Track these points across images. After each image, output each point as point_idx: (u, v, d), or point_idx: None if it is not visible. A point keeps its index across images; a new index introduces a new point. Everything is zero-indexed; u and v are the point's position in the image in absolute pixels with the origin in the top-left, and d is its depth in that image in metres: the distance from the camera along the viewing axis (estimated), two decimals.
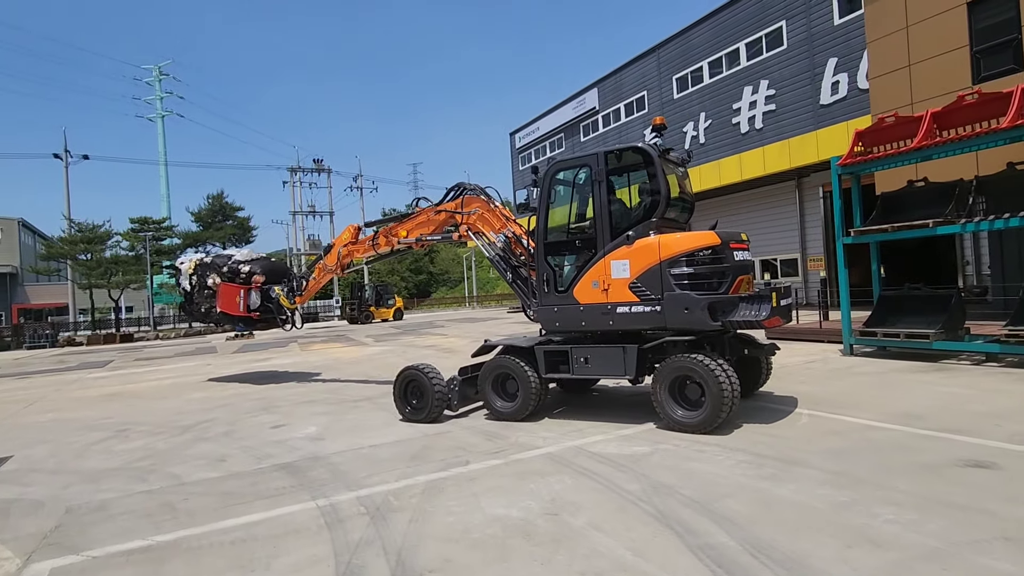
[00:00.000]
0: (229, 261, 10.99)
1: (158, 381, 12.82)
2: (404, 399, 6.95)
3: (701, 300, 5.63)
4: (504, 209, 7.61)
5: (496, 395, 6.68)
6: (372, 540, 3.67)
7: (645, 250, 5.86)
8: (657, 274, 5.78)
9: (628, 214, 6.32)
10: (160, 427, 7.63)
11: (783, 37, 23.56)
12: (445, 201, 8.14)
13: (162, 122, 73.93)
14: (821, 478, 4.19)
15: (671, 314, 5.74)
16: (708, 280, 5.73)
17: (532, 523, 3.76)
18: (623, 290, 5.98)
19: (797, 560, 3.04)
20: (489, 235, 7.51)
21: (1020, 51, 10.43)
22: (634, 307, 5.92)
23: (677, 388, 5.67)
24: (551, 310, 6.52)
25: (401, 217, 8.84)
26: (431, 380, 6.64)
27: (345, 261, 9.65)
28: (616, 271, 6.00)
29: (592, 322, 6.23)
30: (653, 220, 5.95)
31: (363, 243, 9.33)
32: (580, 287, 6.26)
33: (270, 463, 5.58)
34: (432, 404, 6.61)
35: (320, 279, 10.21)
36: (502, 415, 6.58)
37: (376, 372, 11.79)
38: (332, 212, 47.72)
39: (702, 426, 5.45)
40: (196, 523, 4.16)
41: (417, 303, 62.41)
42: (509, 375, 6.57)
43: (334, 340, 21.30)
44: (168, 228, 43.48)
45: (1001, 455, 4.41)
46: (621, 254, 5.99)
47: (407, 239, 8.59)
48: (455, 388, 6.81)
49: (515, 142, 44.86)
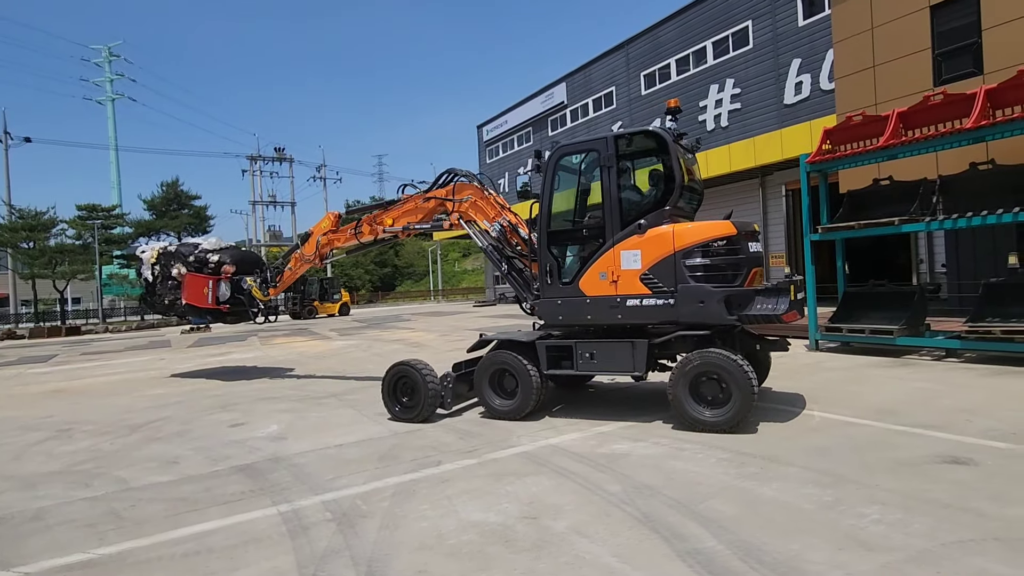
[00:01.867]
0: (196, 250, 10.35)
1: (106, 377, 12.12)
2: (393, 396, 6.54)
3: (717, 293, 5.40)
4: (498, 197, 7.30)
5: (494, 392, 6.34)
6: (339, 549, 3.41)
7: (658, 240, 5.59)
8: (671, 265, 5.52)
9: (639, 202, 6.01)
10: (107, 426, 7.14)
11: (749, 37, 23.89)
12: (434, 188, 7.74)
13: (112, 105, 70.79)
14: (805, 477, 4.12)
15: (685, 307, 5.49)
16: (723, 272, 5.49)
17: (511, 528, 3.56)
18: (634, 282, 5.70)
19: (789, 564, 2.93)
20: (482, 224, 7.14)
21: (980, 55, 10.72)
22: (645, 300, 5.64)
23: (697, 386, 5.37)
24: (554, 303, 6.19)
25: (387, 204, 8.41)
26: (424, 377, 6.26)
27: (324, 251, 9.14)
28: (626, 262, 5.72)
29: (599, 315, 5.92)
30: (667, 209, 5.69)
31: (344, 231, 8.84)
32: (586, 279, 5.96)
33: (227, 465, 5.23)
34: (425, 402, 6.23)
35: (296, 269, 9.70)
36: (500, 414, 6.24)
37: (342, 367, 11.41)
38: (294, 202, 46.55)
39: (727, 425, 5.20)
40: (144, 533, 3.82)
41: (382, 296, 61.53)
42: (507, 371, 6.23)
43: (296, 334, 20.67)
44: (119, 216, 41.55)
45: (977, 451, 4.42)
46: (632, 244, 5.70)
47: (393, 227, 8.19)
48: (449, 385, 6.46)
49: (482, 135, 44.46)
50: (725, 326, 5.57)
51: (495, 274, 43.26)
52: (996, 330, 7.69)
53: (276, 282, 9.96)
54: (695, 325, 5.54)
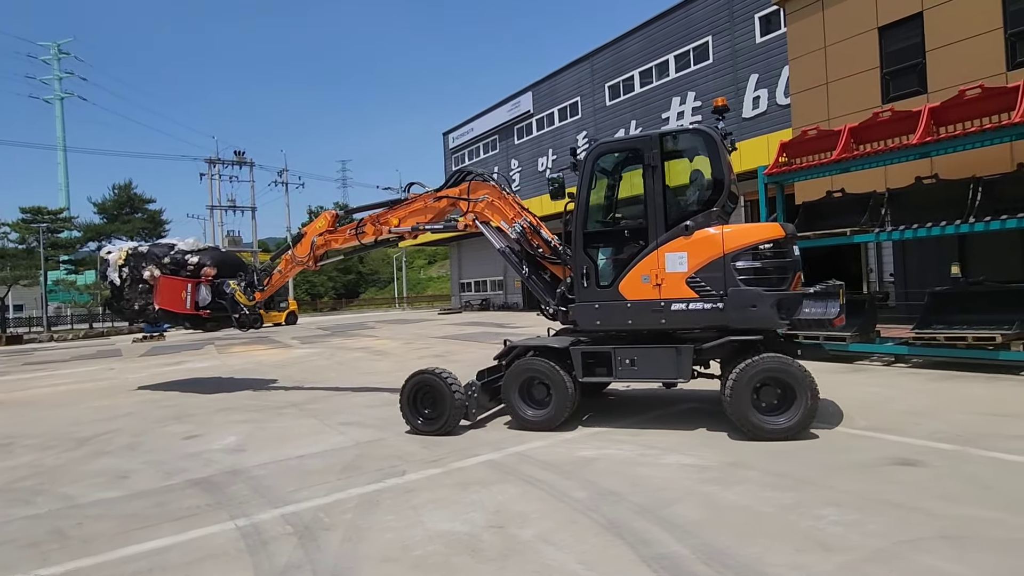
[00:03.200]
0: (171, 251, 9.64)
1: (51, 388, 11.55)
2: (414, 408, 6.11)
3: (769, 297, 5.25)
4: (516, 197, 7.04)
5: (523, 402, 6.02)
6: (301, 564, 3.31)
7: (706, 242, 5.41)
8: (720, 268, 5.34)
9: (685, 203, 5.84)
10: (51, 440, 6.79)
11: (709, 52, 24.59)
12: (447, 187, 7.43)
13: (61, 104, 68.04)
14: (764, 480, 4.21)
15: (736, 312, 5.30)
16: (771, 275, 5.33)
17: (478, 537, 3.53)
18: (679, 285, 5.49)
19: (751, 567, 2.98)
20: (500, 225, 6.85)
21: (924, 75, 11.28)
22: (692, 304, 5.44)
23: (757, 392, 5.19)
24: (591, 307, 5.89)
25: (392, 204, 7.98)
26: (450, 386, 5.87)
27: (319, 252, 8.58)
28: (671, 264, 5.51)
29: (641, 320, 5.67)
30: (714, 210, 5.56)
31: (343, 232, 8.33)
32: (627, 282, 5.70)
33: (182, 479, 5.03)
34: (451, 413, 5.85)
35: (287, 272, 9.07)
36: (532, 424, 5.91)
37: (303, 376, 11.15)
38: (254, 207, 45.36)
39: (792, 433, 5.06)
40: (92, 552, 3.63)
41: (346, 303, 60.52)
42: (538, 379, 5.93)
43: (256, 342, 20.11)
44: (66, 220, 39.89)
45: (926, 453, 4.61)
46: (678, 246, 5.50)
47: (400, 228, 7.75)
48: (474, 395, 6.13)
49: (448, 142, 44.42)
50: (774, 331, 5.43)
51: (461, 281, 43.14)
52: (940, 336, 8.06)
53: (263, 286, 9.30)
54: (745, 330, 5.39)
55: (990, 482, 3.96)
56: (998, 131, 7.54)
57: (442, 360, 12.54)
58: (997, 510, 3.49)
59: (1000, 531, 3.24)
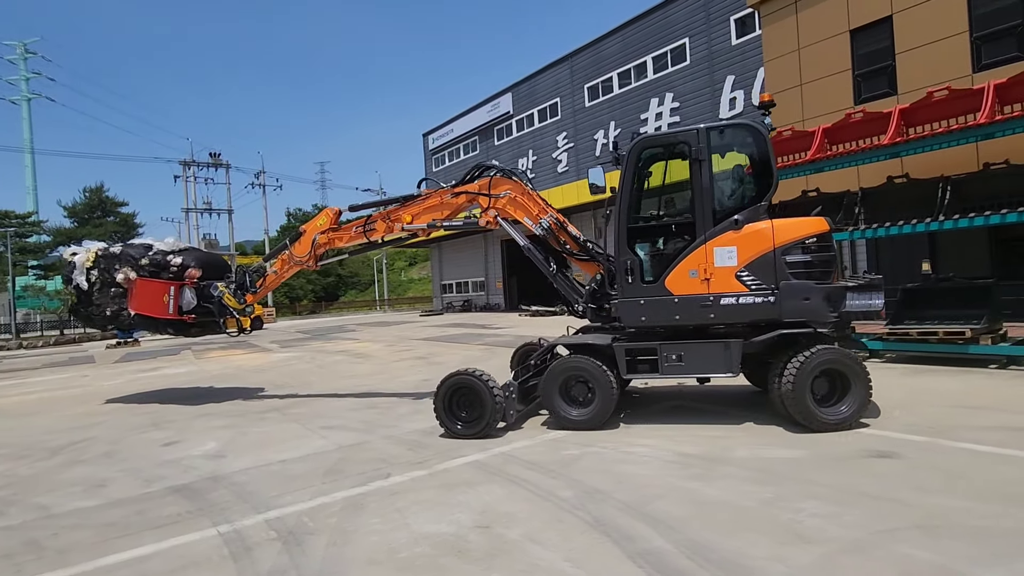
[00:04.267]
0: (149, 252, 8.96)
1: (21, 396, 11.24)
2: (449, 412, 5.89)
3: (820, 290, 5.34)
4: (539, 194, 6.94)
5: (564, 401, 5.93)
6: (285, 569, 3.29)
7: (756, 236, 5.44)
8: (771, 262, 5.38)
9: (733, 197, 5.86)
10: (24, 449, 6.62)
11: (686, 53, 24.87)
12: (465, 182, 7.29)
13: (28, 105, 66.29)
14: (745, 475, 4.29)
15: (788, 304, 5.36)
16: (818, 269, 5.41)
17: (464, 538, 3.54)
18: (729, 279, 5.49)
19: (733, 561, 3.04)
20: (524, 222, 6.74)
21: (894, 77, 11.57)
22: (742, 297, 5.46)
23: (812, 383, 5.22)
24: (636, 303, 5.82)
25: (404, 199, 7.69)
26: (491, 388, 5.69)
27: (321, 251, 8.24)
28: (720, 259, 5.50)
29: (689, 315, 5.64)
30: (763, 204, 5.56)
31: (348, 229, 8.03)
32: (674, 277, 5.67)
33: (161, 486, 4.95)
34: (491, 415, 5.68)
35: (283, 273, 8.62)
36: (577, 424, 5.81)
37: (283, 380, 11.02)
38: (231, 210, 44.69)
39: (848, 423, 5.17)
40: (69, 563, 3.56)
41: (325, 307, 59.90)
42: (580, 378, 5.85)
43: (234, 346, 19.81)
44: (35, 223, 38.89)
45: (900, 445, 4.73)
46: (727, 240, 5.50)
47: (413, 224, 7.52)
48: (512, 396, 6.00)
49: (428, 143, 44.24)
50: (824, 323, 5.48)
51: (442, 283, 42.98)
52: (913, 332, 8.27)
53: (256, 287, 8.84)
54: (798, 323, 5.45)
55: (960, 472, 4.09)
56: (964, 132, 7.77)
57: (425, 362, 12.51)
58: (967, 499, 3.61)
59: (971, 519, 3.34)
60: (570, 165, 31.19)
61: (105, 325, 9.78)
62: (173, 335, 9.62)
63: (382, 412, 7.46)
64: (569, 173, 30.70)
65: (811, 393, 5.20)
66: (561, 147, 31.87)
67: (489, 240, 36.26)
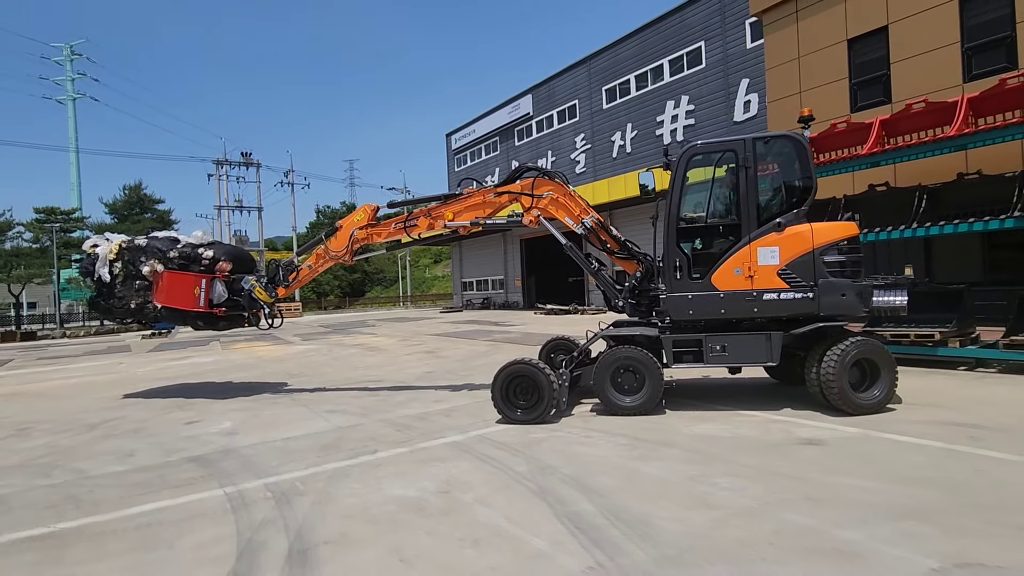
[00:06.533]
0: (177, 245, 8.90)
1: (63, 381, 12.30)
2: (507, 400, 6.28)
3: (854, 287, 5.93)
4: (580, 195, 7.35)
5: (615, 389, 6.37)
6: (275, 519, 3.97)
7: (797, 238, 5.99)
8: (810, 262, 5.95)
9: (775, 202, 6.38)
10: (65, 425, 7.50)
11: (702, 56, 25.09)
12: (507, 183, 7.69)
13: (73, 105, 69.03)
14: (683, 457, 4.83)
15: (827, 300, 5.93)
16: (851, 268, 6.00)
17: (426, 500, 4.17)
18: (771, 277, 6.04)
19: (641, 520, 3.61)
20: (566, 222, 7.16)
21: (889, 85, 11.81)
22: (783, 293, 6.02)
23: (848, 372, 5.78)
24: (684, 298, 6.33)
25: (445, 198, 8.01)
26: (548, 376, 6.11)
27: (358, 246, 8.47)
28: (763, 258, 6.05)
29: (733, 309, 6.18)
30: (804, 209, 6.12)
31: (387, 225, 8.30)
32: (720, 273, 6.19)
33: (180, 456, 5.71)
34: (548, 401, 6.10)
35: (317, 267, 8.77)
36: (627, 410, 6.26)
37: (299, 370, 11.83)
38: (261, 208, 46.30)
39: (880, 405, 5.77)
40: (101, 511, 4.31)
41: (350, 302, 61.35)
42: (630, 367, 6.31)
43: (259, 339, 20.85)
44: (78, 219, 40.94)
45: (832, 435, 5.21)
46: (770, 241, 6.04)
47: (455, 222, 7.84)
48: (565, 384, 6.38)
49: (451, 143, 45.09)
50: (856, 318, 6.05)
51: (462, 280, 43.79)
52: (887, 334, 8.60)
53: (289, 281, 8.88)
54: (833, 317, 6.05)
55: (874, 458, 4.56)
56: (937, 143, 8.10)
57: (432, 355, 13.20)
58: (866, 479, 4.10)
59: (859, 495, 3.84)
60: (588, 166, 31.62)
61: (127, 318, 9.58)
62: (202, 328, 9.39)
63: (382, 399, 8.15)
64: (587, 174, 31.14)
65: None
66: (579, 148, 32.31)
67: (508, 239, 36.90)
